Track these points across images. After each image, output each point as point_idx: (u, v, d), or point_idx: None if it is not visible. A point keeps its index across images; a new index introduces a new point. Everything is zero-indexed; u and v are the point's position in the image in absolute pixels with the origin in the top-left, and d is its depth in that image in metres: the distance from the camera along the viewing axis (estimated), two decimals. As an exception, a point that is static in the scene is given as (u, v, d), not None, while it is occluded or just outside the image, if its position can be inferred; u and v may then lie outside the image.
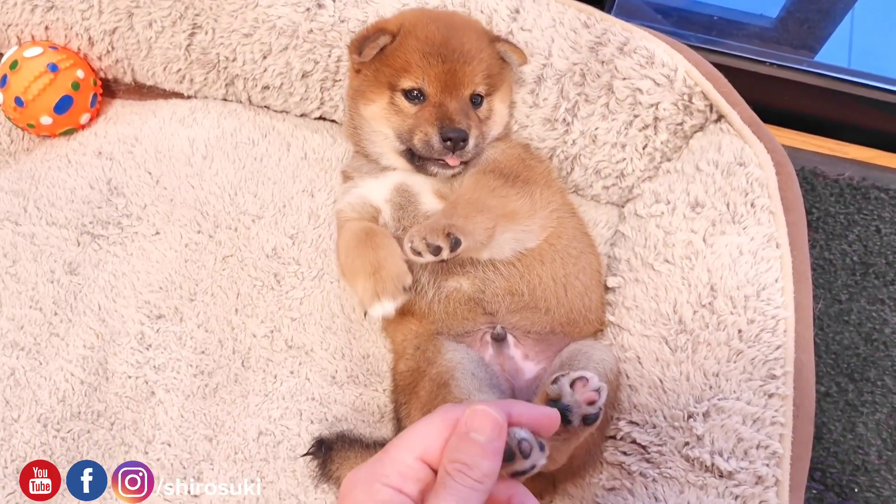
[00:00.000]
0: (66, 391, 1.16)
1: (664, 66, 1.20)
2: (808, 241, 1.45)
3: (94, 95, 1.36)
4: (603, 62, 1.22)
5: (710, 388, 1.08)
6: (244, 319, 1.23)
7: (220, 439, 1.17)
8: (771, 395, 1.08)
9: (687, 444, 1.07)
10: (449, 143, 1.06)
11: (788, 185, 1.18)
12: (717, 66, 1.24)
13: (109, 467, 1.14)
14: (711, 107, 1.21)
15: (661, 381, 1.11)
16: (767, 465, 1.06)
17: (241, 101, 1.39)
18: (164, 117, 1.35)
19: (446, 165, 1.10)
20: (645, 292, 1.16)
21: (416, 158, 1.12)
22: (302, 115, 1.39)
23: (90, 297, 1.22)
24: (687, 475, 1.05)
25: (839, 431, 1.31)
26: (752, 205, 1.15)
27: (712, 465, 1.05)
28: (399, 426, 1.14)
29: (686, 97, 1.21)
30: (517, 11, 1.25)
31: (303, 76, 1.31)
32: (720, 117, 1.21)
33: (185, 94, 1.41)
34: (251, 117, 1.36)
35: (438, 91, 1.09)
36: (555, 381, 0.92)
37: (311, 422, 1.17)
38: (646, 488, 1.05)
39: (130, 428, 1.17)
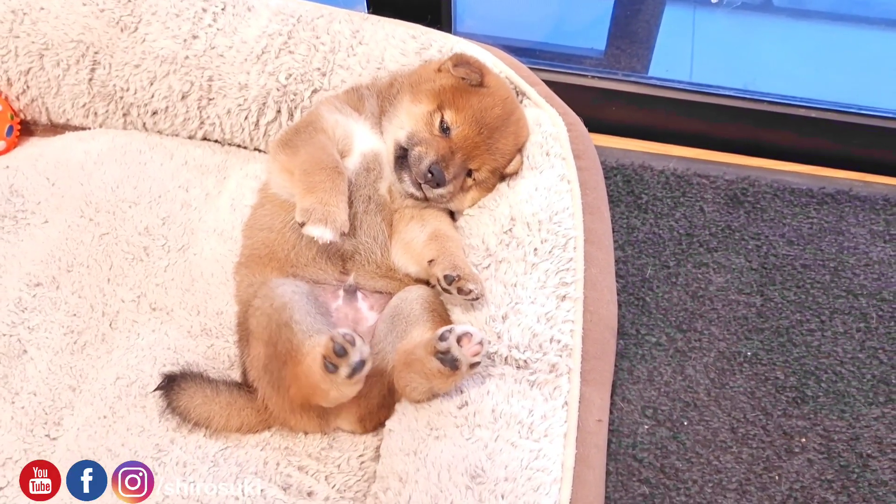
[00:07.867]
0: (-57, 350, 1.29)
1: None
2: (638, 221, 1.61)
3: (10, 127, 1.60)
4: (427, 61, 1.46)
5: (509, 295, 1.20)
6: (115, 287, 1.38)
7: (82, 388, 1.27)
8: (563, 298, 1.21)
9: (489, 342, 1.17)
10: (430, 175, 1.23)
11: (580, 139, 1.37)
12: (552, 83, 1.47)
13: (-20, 415, 1.25)
14: (516, 89, 1.43)
15: (471, 299, 1.23)
16: (560, 356, 1.16)
17: (137, 128, 1.62)
18: (68, 139, 1.59)
19: (412, 185, 1.26)
20: (462, 233, 1.32)
21: (401, 160, 1.27)
22: (189, 137, 1.62)
23: (-19, 276, 1.38)
24: (488, 369, 1.15)
25: (669, 374, 1.38)
26: (547, 154, 1.34)
27: (509, 356, 1.16)
28: (243, 367, 1.25)
29: (495, 82, 1.43)
30: (357, 31, 1.52)
31: (182, 97, 1.55)
32: (523, 96, 1.43)
33: (91, 128, 1.64)
34: (143, 137, 1.59)
35: (459, 144, 1.26)
36: (442, 338, 1.08)
37: (164, 365, 1.28)
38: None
39: (1, 381, 1.28)
